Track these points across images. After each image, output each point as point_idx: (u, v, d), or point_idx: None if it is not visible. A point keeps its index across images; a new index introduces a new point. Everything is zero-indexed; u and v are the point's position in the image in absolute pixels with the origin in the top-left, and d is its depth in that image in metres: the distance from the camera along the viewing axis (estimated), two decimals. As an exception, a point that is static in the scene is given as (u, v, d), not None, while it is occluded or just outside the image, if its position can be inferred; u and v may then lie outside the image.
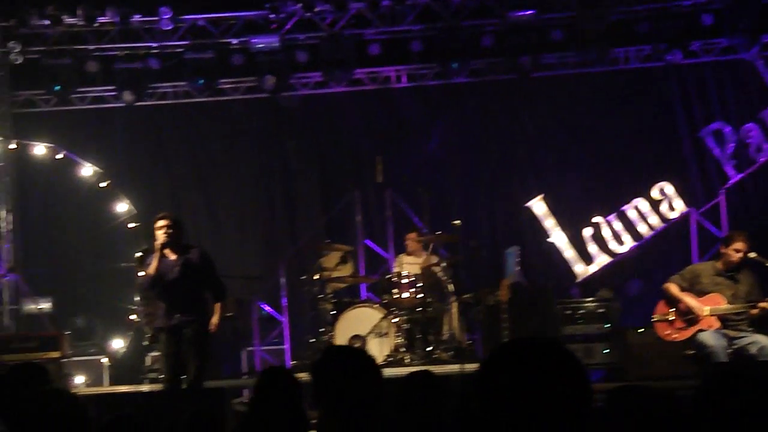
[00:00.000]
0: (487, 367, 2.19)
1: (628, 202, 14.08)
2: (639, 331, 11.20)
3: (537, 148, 15.00)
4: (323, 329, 12.38)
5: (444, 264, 12.46)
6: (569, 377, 2.10)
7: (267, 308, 13.87)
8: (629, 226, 14.06)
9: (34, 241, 14.99)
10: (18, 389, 4.43)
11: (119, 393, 11.73)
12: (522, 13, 14.09)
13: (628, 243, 14.05)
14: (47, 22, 14.19)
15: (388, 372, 7.94)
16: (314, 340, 12.59)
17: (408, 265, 12.65)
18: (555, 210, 14.25)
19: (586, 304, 11.98)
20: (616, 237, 14.06)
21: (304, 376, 9.78)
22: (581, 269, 14.06)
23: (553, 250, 14.22)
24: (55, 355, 11.70)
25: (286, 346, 13.53)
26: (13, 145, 14.17)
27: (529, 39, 14.16)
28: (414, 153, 14.81)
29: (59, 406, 3.81)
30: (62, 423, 3.73)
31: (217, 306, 9.63)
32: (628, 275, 14.05)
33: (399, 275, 12.28)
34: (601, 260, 14.03)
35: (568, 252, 14.14)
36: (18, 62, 14.37)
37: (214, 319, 9.47)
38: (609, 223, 14.07)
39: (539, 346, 2.17)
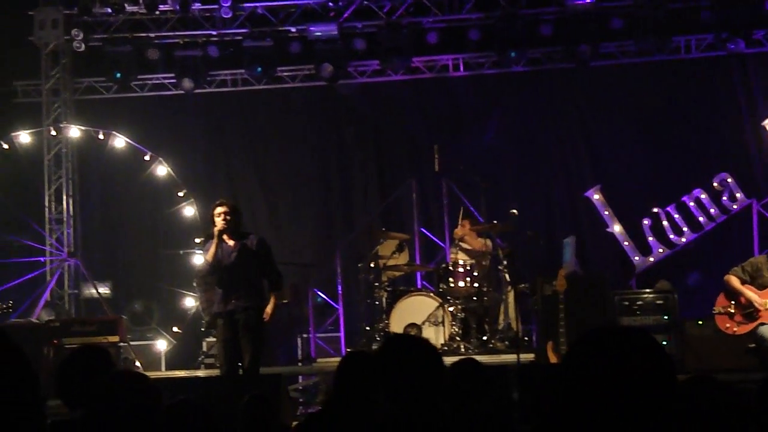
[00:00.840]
0: (574, 354, 2.17)
1: (688, 192, 13.90)
2: (699, 322, 11.08)
3: (595, 138, 14.86)
4: (378, 317, 12.40)
5: (500, 253, 12.41)
6: (656, 365, 2.08)
7: (322, 295, 13.91)
8: (689, 217, 13.89)
9: (93, 227, 15.19)
10: (82, 371, 4.47)
11: (176, 378, 11.85)
12: (581, 1, 13.96)
13: (688, 234, 13.87)
14: (109, 10, 14.35)
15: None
16: (369, 328, 12.61)
17: (464, 253, 12.62)
18: (613, 200, 14.12)
19: (645, 296, 11.84)
20: (676, 228, 13.90)
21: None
22: (640, 260, 13.92)
23: (611, 240, 14.09)
24: (114, 339, 11.83)
25: (341, 334, 13.56)
26: (74, 132, 14.35)
27: (589, 27, 14.02)
28: (471, 142, 14.74)
29: (135, 387, 3.84)
30: (138, 404, 3.76)
31: (273, 295, 9.64)
32: (688, 267, 13.87)
33: (455, 264, 12.25)
34: (660, 251, 13.87)
35: (626, 242, 14.00)
36: (80, 50, 14.55)
37: (269, 309, 9.48)
38: (668, 214, 13.90)
39: (626, 333, 2.15)
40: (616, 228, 14.06)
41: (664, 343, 11.40)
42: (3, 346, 1.40)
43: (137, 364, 12.61)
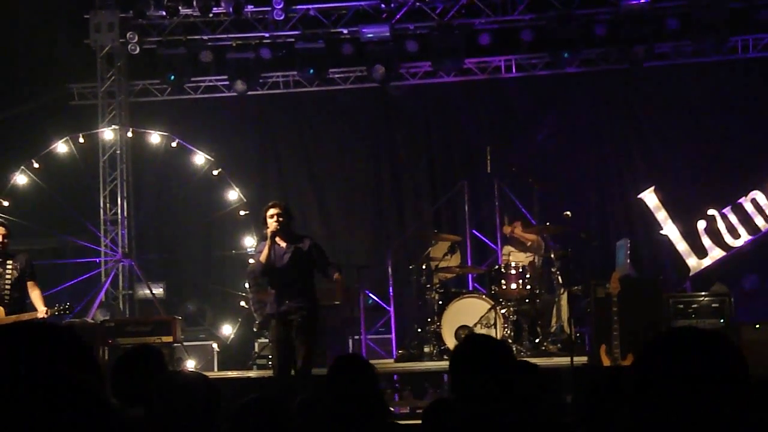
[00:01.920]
0: (646, 356, 2.15)
1: (744, 194, 13.70)
2: (755, 326, 10.91)
3: (649, 139, 14.72)
4: (430, 319, 12.37)
5: (553, 255, 12.32)
6: (731, 366, 2.05)
7: (374, 297, 13.91)
8: (745, 219, 13.69)
9: (147, 228, 15.33)
10: (136, 371, 4.50)
11: (228, 378, 11.92)
12: (636, 2, 13.82)
13: (744, 236, 13.68)
14: (164, 13, 14.49)
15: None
16: (420, 329, 12.59)
17: (516, 255, 12.55)
18: (667, 202, 13.97)
19: (699, 299, 11.69)
20: (732, 230, 13.71)
21: (409, 365, 9.81)
22: (694, 262, 13.75)
23: (666, 242, 13.94)
24: (168, 339, 11.92)
25: (392, 335, 13.55)
26: (129, 134, 14.50)
27: (643, 28, 13.89)
28: (523, 143, 14.68)
29: (195, 386, 3.86)
30: (199, 403, 3.77)
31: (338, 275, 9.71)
32: (744, 269, 13.67)
33: (507, 266, 12.18)
34: (716, 254, 13.69)
35: (681, 245, 13.84)
36: (135, 52, 14.70)
37: (337, 276, 9.56)
38: (724, 216, 13.72)
39: (700, 335, 2.12)
40: (671, 230, 13.90)
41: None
42: (75, 344, 1.42)
43: (191, 364, 12.71)
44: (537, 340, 11.93)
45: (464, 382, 3.79)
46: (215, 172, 14.06)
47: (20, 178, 13.77)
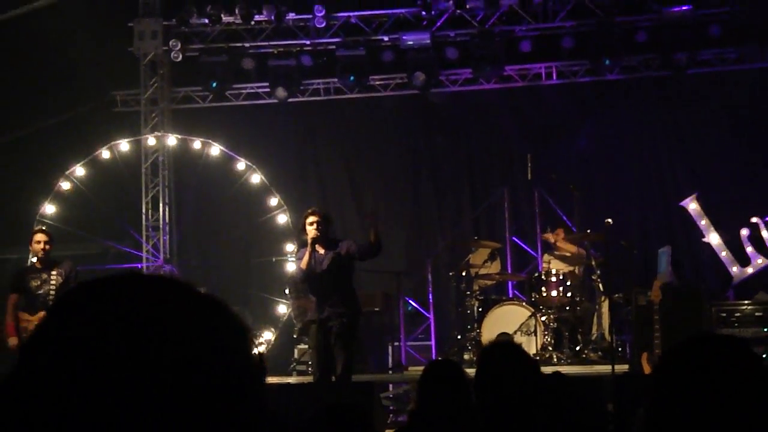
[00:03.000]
0: (665, 363, 2.14)
1: (788, 202, 13.56)
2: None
3: (692, 146, 14.61)
4: (470, 326, 12.36)
5: (594, 263, 12.27)
6: (752, 375, 2.03)
7: (413, 304, 13.92)
8: (790, 228, 13.53)
9: (188, 234, 15.45)
10: None
11: (268, 384, 11.95)
12: (678, 8, 13.74)
13: (789, 245, 13.53)
14: (206, 20, 14.61)
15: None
16: (460, 336, 12.58)
17: (556, 263, 12.51)
18: (710, 209, 13.84)
19: (743, 307, 11.59)
20: (776, 239, 13.56)
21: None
22: (737, 271, 13.61)
23: (708, 250, 13.82)
24: (209, 344, 11.95)
25: (432, 342, 13.55)
26: (171, 140, 14.63)
27: (685, 34, 13.80)
28: (564, 150, 14.63)
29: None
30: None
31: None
32: (788, 278, 13.52)
33: (547, 273, 12.15)
34: (759, 262, 13.55)
35: (724, 253, 13.71)
36: (178, 60, 14.83)
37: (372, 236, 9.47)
38: (768, 224, 13.58)
39: (723, 342, 2.10)
40: (713, 238, 13.78)
41: (764, 356, 11.14)
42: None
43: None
44: (578, 348, 11.88)
45: (487, 391, 3.79)
46: (256, 179, 14.14)
47: (64, 185, 13.94)
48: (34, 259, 10.32)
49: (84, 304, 1.20)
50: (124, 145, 14.18)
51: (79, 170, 13.96)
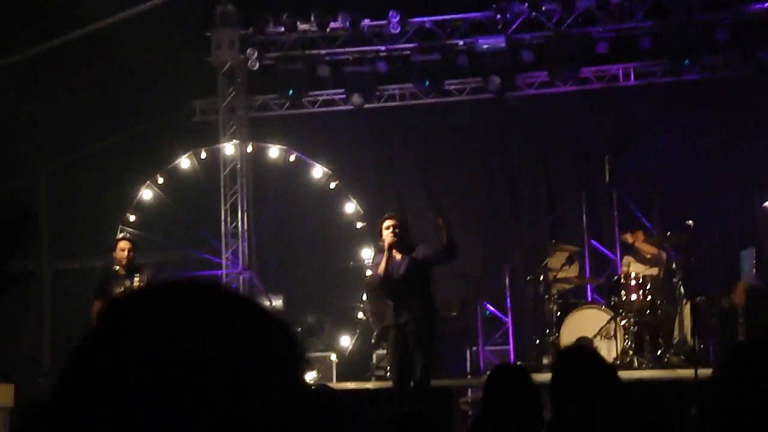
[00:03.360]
0: (724, 368, 2.11)
1: None
2: None
3: (774, 146, 14.31)
4: (548, 330, 12.26)
5: (675, 266, 12.08)
6: None
7: (491, 308, 13.85)
8: None
9: (267, 241, 15.59)
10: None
11: (347, 390, 12.02)
12: (760, 5, 13.49)
13: None
14: (282, 29, 14.75)
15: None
16: (539, 341, 12.49)
17: (636, 266, 12.35)
18: (794, 210, 13.54)
19: (830, 310, 11.32)
20: None
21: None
22: (823, 273, 13.29)
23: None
24: (288, 350, 12.03)
25: (510, 347, 13.47)
26: (250, 148, 14.78)
27: (768, 32, 13.54)
28: (643, 152, 14.43)
29: (320, 400, 3.89)
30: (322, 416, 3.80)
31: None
32: None
33: (627, 276, 12.00)
34: None
35: (809, 255, 13.40)
36: (255, 68, 14.99)
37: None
38: None
39: None
40: (798, 239, 13.48)
41: None
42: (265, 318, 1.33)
43: (311, 375, 12.86)
44: (659, 352, 11.70)
45: (563, 396, 3.75)
46: (333, 185, 14.22)
47: (146, 193, 14.19)
48: (118, 267, 10.52)
49: (136, 313, 1.19)
50: (203, 154, 14.37)
51: (160, 179, 14.19)
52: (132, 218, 14.07)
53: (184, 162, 14.24)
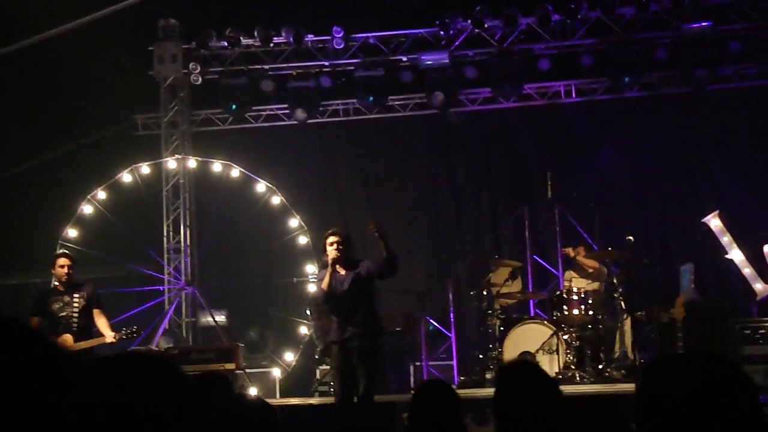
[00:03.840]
0: (647, 381, 2.14)
1: (811, 217, 13.47)
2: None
3: (713, 163, 14.56)
4: (491, 345, 12.31)
5: (616, 280, 12.21)
6: (737, 394, 2.03)
7: (435, 323, 13.87)
8: (813, 244, 13.43)
9: (209, 256, 15.48)
10: (204, 397, 4.53)
11: (290, 405, 11.95)
12: (697, 25, 13.71)
13: (812, 261, 13.41)
14: (225, 43, 14.70)
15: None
16: (482, 356, 12.53)
17: (577, 281, 12.45)
18: (732, 226, 13.75)
19: (767, 324, 11.51)
20: (799, 254, 13.45)
21: (471, 392, 9.73)
22: (761, 287, 13.51)
23: (731, 267, 13.73)
24: (231, 366, 11.97)
25: (454, 362, 13.50)
26: (192, 163, 14.68)
27: (706, 51, 13.77)
28: (584, 168, 14.59)
29: (255, 412, 3.87)
30: (258, 427, 3.78)
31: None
32: (812, 294, 13.41)
33: (569, 291, 12.10)
34: (783, 279, 13.45)
35: (747, 269, 13.61)
36: (197, 83, 14.91)
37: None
38: (791, 240, 13.48)
39: (703, 360, 2.10)
40: (736, 254, 13.68)
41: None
42: (178, 377, 1.48)
43: (253, 391, 12.77)
44: (600, 366, 11.81)
45: (505, 411, 3.77)
46: (276, 200, 14.17)
47: (86, 208, 14.01)
48: (57, 283, 10.38)
49: None
50: (145, 168, 14.23)
51: (101, 194, 14.02)
52: (72, 233, 13.88)
53: (126, 176, 14.08)
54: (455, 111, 14.89)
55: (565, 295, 12.08)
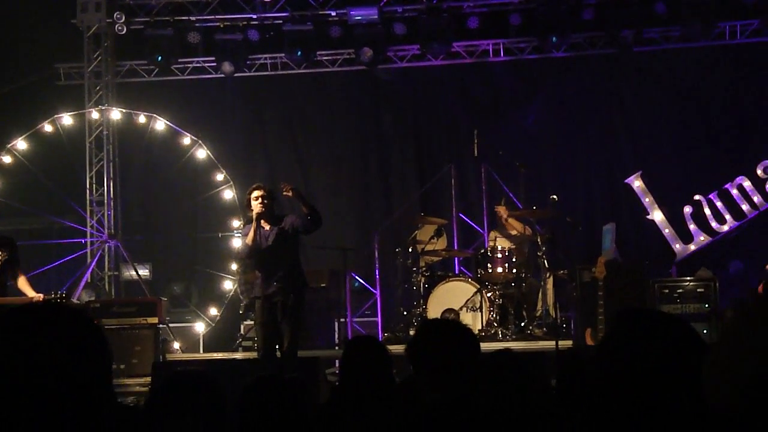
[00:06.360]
0: (611, 336, 2.17)
1: (731, 180, 13.74)
2: (739, 312, 10.95)
3: (636, 124, 14.74)
4: (416, 302, 12.39)
5: (540, 239, 12.34)
6: (690, 347, 2.07)
7: (360, 280, 13.92)
8: (732, 205, 13.73)
9: (133, 209, 15.31)
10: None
11: (214, 360, 11.93)
12: (625, -14, 13.81)
13: (730, 222, 13.73)
14: (151, -7, 14.42)
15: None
16: (406, 313, 12.61)
17: (502, 240, 12.57)
18: (654, 187, 14.00)
19: (685, 284, 11.77)
20: (718, 216, 13.76)
21: (395, 348, 9.79)
22: (680, 248, 13.80)
23: (652, 227, 13.98)
24: (153, 321, 11.90)
25: (378, 318, 13.56)
26: (115, 114, 14.44)
27: (632, 12, 13.87)
28: (511, 127, 14.68)
29: (197, 385, 3.78)
30: (201, 403, 3.69)
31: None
32: (729, 255, 13.73)
33: (493, 250, 12.21)
34: (701, 239, 13.75)
35: (667, 230, 13.88)
36: (122, 33, 14.62)
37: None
38: (710, 201, 13.76)
39: (661, 317, 2.14)
40: (657, 215, 13.94)
41: (704, 331, 11.32)
42: (85, 324, 1.54)
43: (176, 345, 12.71)
44: (522, 324, 11.97)
45: (426, 367, 3.81)
46: (202, 154, 14.03)
47: (6, 158, 13.73)
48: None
49: None
50: (67, 119, 13.97)
51: (21, 144, 13.74)
52: (-9, 184, 13.61)
53: (48, 127, 13.81)
54: (384, 68, 14.85)
55: (489, 253, 12.19)
